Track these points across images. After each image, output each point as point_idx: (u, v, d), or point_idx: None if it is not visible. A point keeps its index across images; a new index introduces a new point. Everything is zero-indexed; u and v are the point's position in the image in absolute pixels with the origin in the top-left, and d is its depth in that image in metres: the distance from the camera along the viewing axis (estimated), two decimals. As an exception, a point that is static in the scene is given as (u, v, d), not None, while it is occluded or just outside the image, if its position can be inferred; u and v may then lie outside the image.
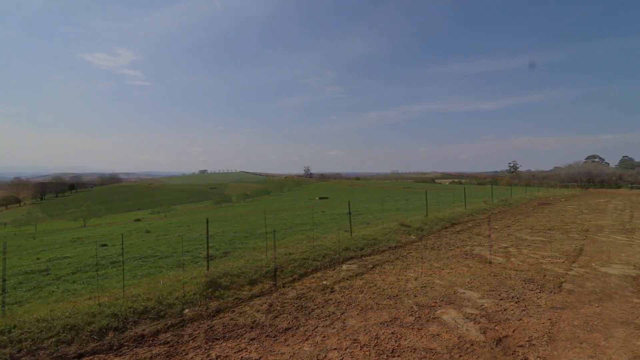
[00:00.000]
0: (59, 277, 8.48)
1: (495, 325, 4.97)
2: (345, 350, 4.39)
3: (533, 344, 4.45)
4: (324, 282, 7.09)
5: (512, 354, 4.22)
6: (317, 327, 5.08)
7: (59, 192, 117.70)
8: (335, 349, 4.43)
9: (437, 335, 4.72)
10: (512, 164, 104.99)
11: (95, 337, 4.76)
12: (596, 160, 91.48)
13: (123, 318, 5.21)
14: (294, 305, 5.91)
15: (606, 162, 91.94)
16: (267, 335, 4.84)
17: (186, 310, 5.67)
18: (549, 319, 5.16)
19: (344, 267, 8.19)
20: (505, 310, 5.53)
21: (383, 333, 4.80)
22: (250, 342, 4.68)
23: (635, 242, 10.72)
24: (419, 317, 5.31)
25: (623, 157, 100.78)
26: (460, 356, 4.18)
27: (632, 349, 4.31)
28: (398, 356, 4.22)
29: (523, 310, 5.52)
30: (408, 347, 4.42)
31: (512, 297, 6.09)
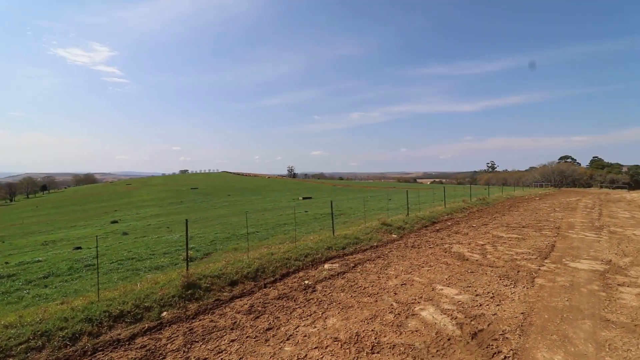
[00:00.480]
0: (30, 281, 8.14)
1: (471, 320, 5.13)
2: (326, 348, 4.42)
3: (506, 337, 4.62)
4: (306, 282, 7.10)
5: (487, 347, 4.37)
6: (298, 326, 5.09)
7: (29, 193, 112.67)
8: (316, 347, 4.45)
9: (416, 331, 4.83)
10: (490, 164, 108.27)
11: (67, 343, 4.60)
12: (569, 160, 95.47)
13: (98, 322, 5.06)
14: (275, 306, 5.90)
15: (578, 163, 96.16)
16: (248, 336, 4.81)
17: (164, 313, 5.56)
18: (522, 313, 5.37)
19: (326, 266, 8.22)
20: (480, 305, 5.70)
21: (363, 331, 4.87)
22: (231, 343, 4.64)
23: (603, 238, 11.26)
24: (399, 314, 5.41)
25: (593, 157, 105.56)
26: (437, 351, 4.29)
27: (598, 339, 4.54)
28: (377, 353, 4.29)
29: (497, 305, 5.72)
30: (387, 343, 4.50)
31: (488, 292, 6.30)
